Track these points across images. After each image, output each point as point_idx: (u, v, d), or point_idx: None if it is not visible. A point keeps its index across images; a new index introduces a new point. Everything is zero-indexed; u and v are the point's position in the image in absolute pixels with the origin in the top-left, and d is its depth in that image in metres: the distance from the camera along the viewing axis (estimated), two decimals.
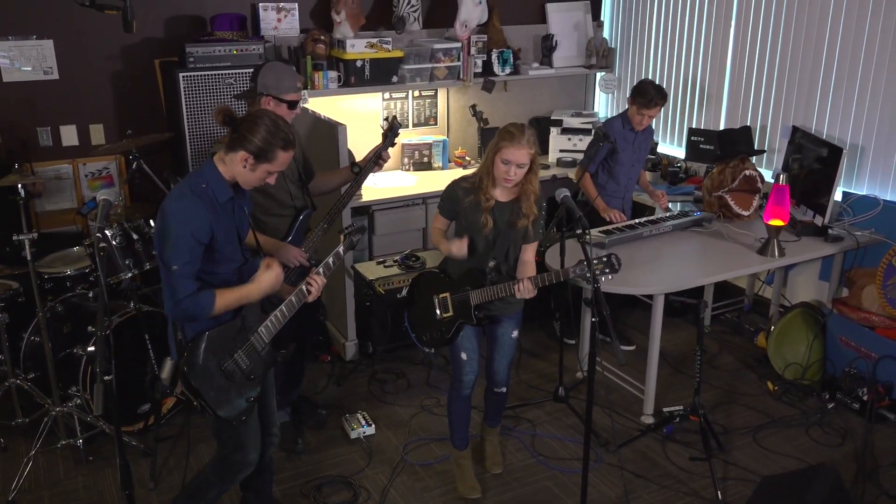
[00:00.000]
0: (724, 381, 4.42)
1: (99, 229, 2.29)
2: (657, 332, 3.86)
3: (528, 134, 3.00)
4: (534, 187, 3.09)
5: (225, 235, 2.60)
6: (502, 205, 3.15)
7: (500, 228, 3.15)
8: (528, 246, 3.19)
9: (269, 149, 2.50)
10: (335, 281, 4.59)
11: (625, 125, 4.48)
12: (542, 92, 6.04)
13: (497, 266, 3.13)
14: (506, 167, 3.01)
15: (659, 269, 3.95)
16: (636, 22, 5.85)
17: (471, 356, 3.32)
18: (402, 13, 5.27)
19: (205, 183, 2.55)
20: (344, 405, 4.18)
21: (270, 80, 3.32)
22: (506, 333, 3.38)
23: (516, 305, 3.32)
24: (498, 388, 3.49)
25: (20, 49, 4.51)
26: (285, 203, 3.49)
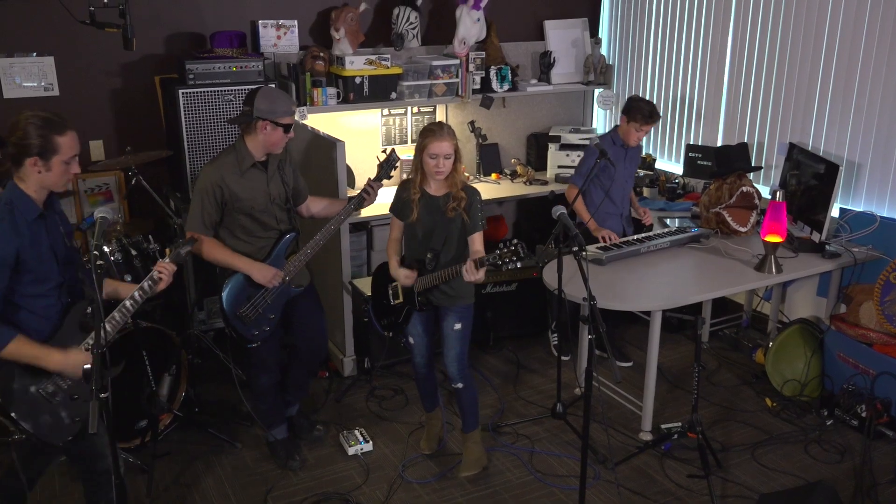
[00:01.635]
0: (722, 397, 4.41)
1: (96, 247, 2.30)
2: (655, 348, 3.86)
3: (447, 127, 3.33)
4: (460, 175, 3.37)
5: (37, 255, 2.56)
6: (436, 199, 3.41)
7: (436, 220, 3.40)
8: (472, 236, 3.38)
9: (49, 140, 2.48)
10: (332, 296, 4.59)
11: (615, 142, 4.50)
12: (541, 108, 6.07)
13: (436, 255, 3.40)
14: (434, 161, 3.28)
15: (656, 286, 3.95)
16: (634, 39, 5.89)
17: (417, 340, 3.64)
18: (400, 30, 5.30)
19: (8, 203, 2.52)
20: (342, 421, 4.17)
21: (266, 104, 3.34)
22: (448, 326, 3.53)
23: (457, 299, 3.48)
24: (453, 384, 3.61)
25: (21, 65, 4.54)
26: (269, 226, 3.52)
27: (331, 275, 4.56)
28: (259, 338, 3.53)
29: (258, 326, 3.51)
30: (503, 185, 5.67)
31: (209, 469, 3.78)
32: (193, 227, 3.38)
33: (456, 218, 3.38)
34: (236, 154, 3.41)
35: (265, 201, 3.46)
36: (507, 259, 3.07)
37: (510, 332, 5.04)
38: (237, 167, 3.40)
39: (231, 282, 3.45)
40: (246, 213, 3.43)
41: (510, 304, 4.96)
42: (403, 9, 5.30)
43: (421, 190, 3.41)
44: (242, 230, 3.47)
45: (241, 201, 3.40)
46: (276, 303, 3.54)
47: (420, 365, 3.72)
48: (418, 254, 3.49)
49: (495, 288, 4.92)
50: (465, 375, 3.59)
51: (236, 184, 3.39)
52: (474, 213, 3.38)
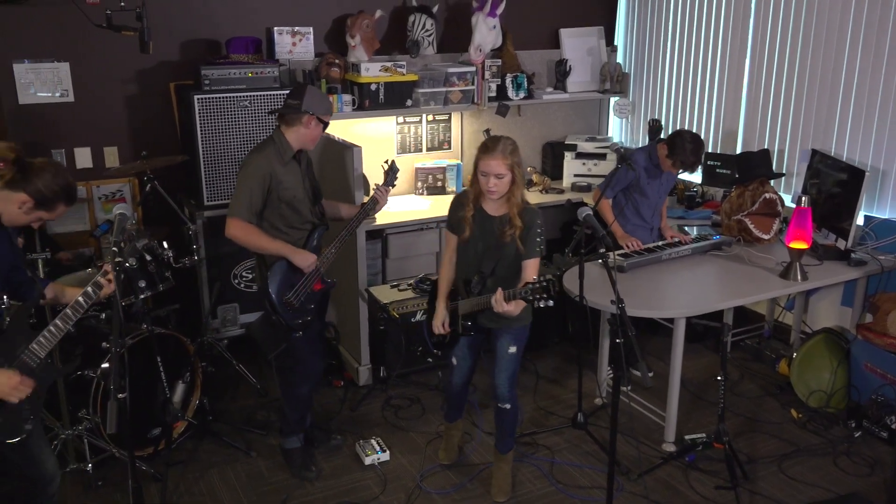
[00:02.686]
0: (746, 408, 4.32)
1: (115, 243, 2.24)
2: (678, 356, 3.78)
3: (503, 144, 3.10)
4: (516, 199, 3.15)
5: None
6: (492, 218, 3.23)
7: (489, 242, 3.22)
8: (526, 262, 3.19)
9: (55, 200, 2.50)
10: (348, 304, 4.53)
11: (651, 159, 4.44)
12: (556, 117, 6.02)
13: (482, 279, 3.22)
14: (484, 179, 3.11)
15: (679, 293, 3.87)
16: (650, 46, 5.84)
17: (460, 362, 3.51)
18: (416, 37, 5.27)
19: None
20: (357, 431, 4.09)
21: (315, 100, 3.47)
22: (502, 348, 3.37)
23: (513, 321, 3.28)
24: (500, 404, 3.46)
25: (36, 71, 4.51)
26: (306, 217, 3.58)
27: (346, 282, 4.49)
28: (302, 326, 3.55)
29: (301, 315, 3.54)
30: None
31: (223, 478, 3.70)
32: (239, 212, 3.39)
33: (511, 243, 3.19)
34: (276, 146, 3.47)
35: (304, 191, 3.55)
36: (537, 295, 2.90)
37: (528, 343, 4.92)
38: (280, 158, 3.45)
39: (275, 270, 3.47)
40: (288, 203, 3.48)
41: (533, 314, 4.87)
42: (419, 16, 5.27)
43: (477, 206, 3.24)
44: (283, 220, 3.50)
45: (286, 190, 3.46)
46: (314, 293, 3.59)
47: (456, 386, 3.60)
48: (467, 274, 3.32)
49: None
50: (514, 396, 3.45)
51: (282, 172, 3.45)
52: (531, 240, 3.17)
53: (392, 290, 4.64)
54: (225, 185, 4.56)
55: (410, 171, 5.53)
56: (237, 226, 3.37)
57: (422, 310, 4.51)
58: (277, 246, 3.45)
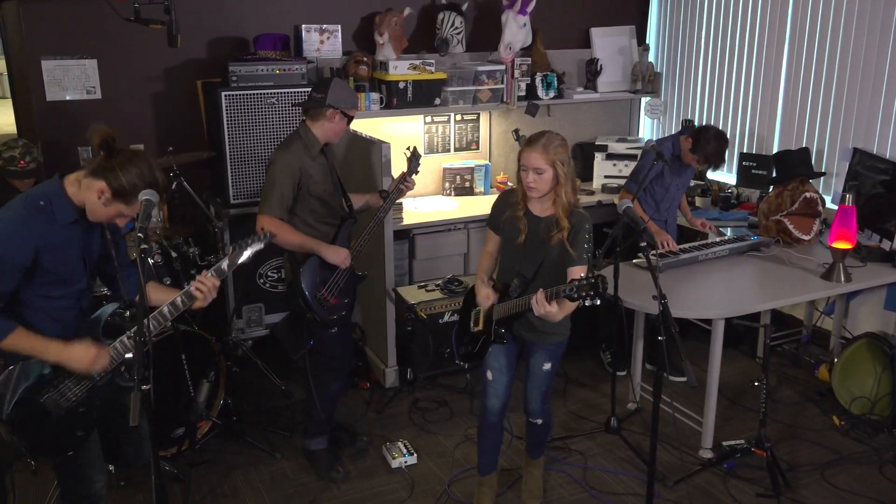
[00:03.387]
0: (785, 414, 4.17)
1: (140, 229, 2.16)
2: (717, 358, 3.64)
3: (547, 138, 2.90)
4: (562, 199, 2.89)
5: (61, 257, 2.39)
6: (537, 219, 2.99)
7: (533, 244, 2.98)
8: (571, 269, 2.90)
9: (134, 192, 2.34)
10: (375, 305, 4.44)
11: (674, 150, 4.32)
12: (587, 117, 5.91)
13: (524, 283, 2.95)
14: (524, 173, 2.90)
15: (716, 294, 3.75)
16: (683, 45, 5.72)
17: (497, 376, 3.13)
18: (445, 35, 5.19)
19: (43, 200, 2.34)
20: (384, 433, 4.00)
21: (340, 94, 3.40)
22: (536, 364, 3.11)
23: (549, 334, 3.04)
24: (532, 419, 3.25)
25: (64, 68, 4.49)
26: (336, 211, 3.53)
27: (373, 282, 4.41)
28: (337, 322, 3.49)
29: (336, 310, 3.48)
30: None
31: (247, 479, 3.62)
32: (272, 210, 3.33)
33: (556, 246, 2.93)
34: (303, 140, 3.42)
35: (334, 185, 3.50)
36: (583, 293, 2.61)
37: None
38: (308, 152, 3.40)
39: (307, 266, 3.41)
40: (318, 197, 3.43)
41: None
42: (448, 13, 5.20)
43: (525, 206, 2.99)
44: (313, 215, 3.46)
45: (317, 184, 3.41)
46: (348, 287, 3.54)
47: (493, 409, 3.16)
48: (509, 277, 3.05)
49: None
50: (546, 411, 3.23)
51: (312, 167, 3.40)
52: (579, 244, 2.89)
53: (420, 290, 4.55)
54: (251, 182, 4.51)
55: (438, 171, 5.45)
56: (270, 223, 3.30)
57: (450, 311, 4.41)
58: (311, 243, 3.40)
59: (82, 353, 2.38)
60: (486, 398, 3.17)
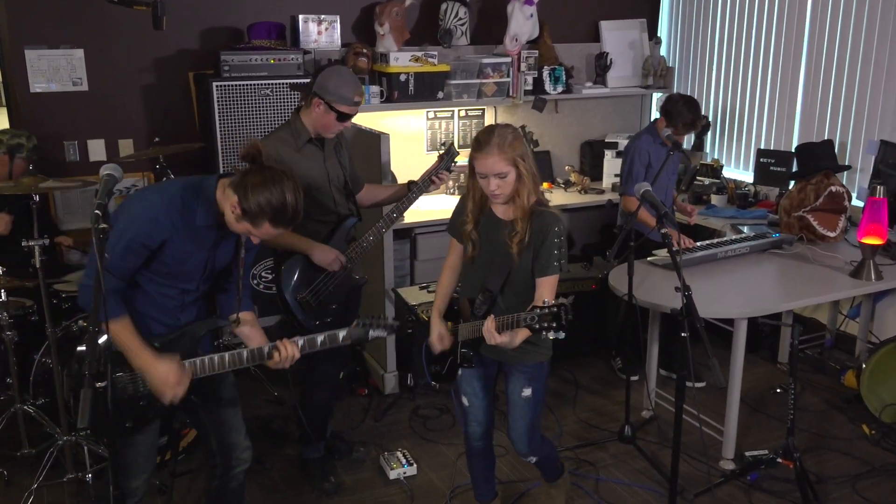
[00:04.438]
0: (811, 423, 3.91)
1: (98, 206, 1.93)
2: (739, 360, 3.39)
3: (499, 135, 2.45)
4: (521, 199, 2.49)
5: (183, 254, 2.31)
6: (500, 223, 2.59)
7: (497, 252, 2.59)
8: (539, 281, 2.52)
9: (259, 215, 2.22)
10: (374, 306, 4.21)
11: (654, 140, 4.10)
12: (596, 113, 5.68)
13: (490, 298, 2.58)
14: (484, 181, 2.49)
15: (738, 293, 3.50)
16: (696, 37, 5.49)
17: (473, 401, 2.82)
18: (448, 26, 4.98)
19: (193, 196, 2.29)
20: (382, 442, 3.75)
21: (327, 83, 3.05)
22: (514, 390, 2.73)
23: (524, 355, 2.64)
24: (524, 458, 2.88)
25: (49, 58, 4.29)
26: (327, 208, 3.21)
27: (372, 282, 4.17)
28: (321, 329, 3.15)
29: (320, 317, 3.19)
30: (556, 195, 5.27)
31: None
32: None
33: (523, 254, 2.55)
34: (291, 129, 3.15)
35: (322, 179, 3.18)
36: (544, 324, 2.28)
37: (567, 351, 4.57)
38: (293, 142, 3.13)
39: (290, 264, 3.14)
40: (303, 191, 3.09)
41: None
42: (452, 4, 4.99)
43: (483, 212, 2.61)
44: None
45: (299, 177, 3.04)
46: (339, 291, 3.23)
47: (475, 435, 2.88)
48: (472, 291, 2.67)
49: None
50: (538, 447, 2.84)
51: (292, 158, 3.08)
52: (546, 252, 2.50)
53: (421, 291, 4.31)
54: None
55: None
56: None
57: None
58: (293, 240, 3.10)
59: (163, 374, 2.27)
60: (467, 425, 2.88)
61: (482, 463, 2.97)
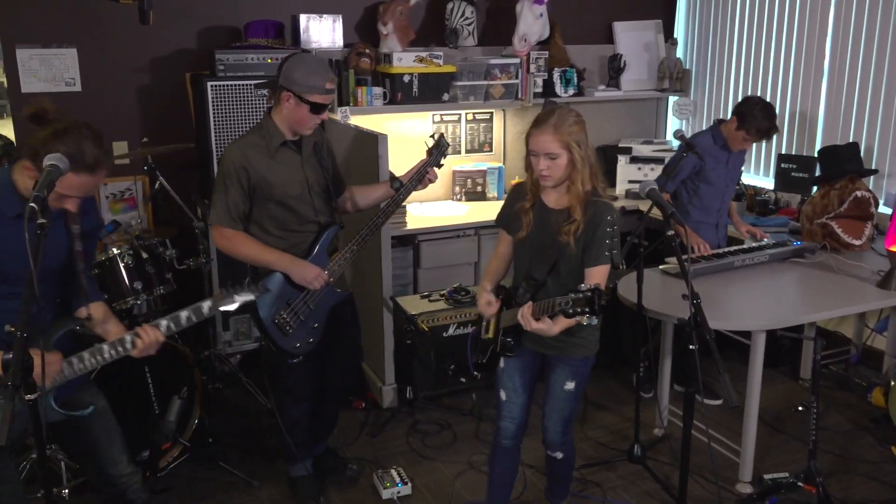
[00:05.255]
0: (835, 444, 3.66)
1: (35, 198, 1.74)
2: (757, 376, 3.16)
3: (558, 116, 2.44)
4: (577, 187, 2.47)
5: (5, 255, 2.11)
6: (551, 212, 2.58)
7: (546, 241, 2.57)
8: (589, 271, 2.49)
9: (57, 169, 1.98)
10: (371, 316, 4.02)
11: (716, 142, 3.88)
12: (609, 117, 5.47)
13: (534, 287, 2.54)
14: (535, 159, 2.48)
15: (756, 303, 3.28)
16: (714, 39, 5.28)
17: (511, 396, 2.73)
18: (454, 25, 4.81)
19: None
20: (377, 459, 3.55)
21: (294, 73, 2.79)
22: (556, 382, 2.67)
23: (573, 347, 2.61)
24: (550, 452, 2.79)
25: (41, 58, 4.16)
26: (308, 217, 2.97)
27: (369, 290, 4.00)
28: (301, 350, 2.97)
29: (300, 337, 2.95)
30: None
31: None
32: (218, 218, 2.86)
33: (571, 244, 2.51)
34: (262, 131, 2.89)
35: (301, 187, 2.93)
36: (577, 308, 2.23)
37: None
38: (265, 146, 2.87)
39: (266, 284, 2.87)
40: (278, 201, 2.89)
41: None
42: (458, 3, 4.82)
43: (536, 197, 2.61)
44: (274, 222, 2.92)
45: (271, 186, 2.86)
46: (321, 309, 2.99)
47: (506, 432, 2.76)
48: (519, 280, 2.67)
49: None
50: (567, 443, 2.78)
51: (264, 165, 2.85)
52: (597, 242, 2.47)
53: (422, 300, 4.12)
54: None
55: (448, 174, 5.04)
56: (219, 234, 2.86)
57: (456, 323, 3.98)
58: (270, 257, 2.86)
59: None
60: (500, 419, 2.78)
61: (506, 464, 2.84)
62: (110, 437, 2.45)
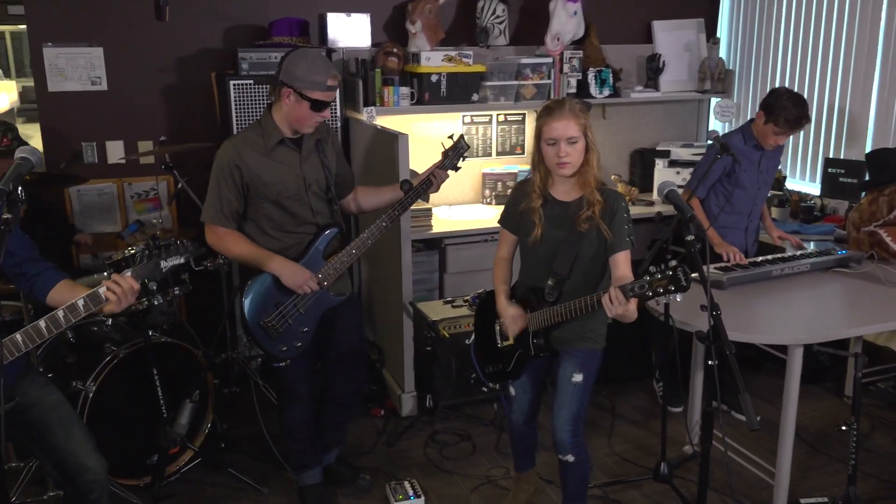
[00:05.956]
0: (880, 467, 3.41)
1: (1, 192, 1.65)
2: (793, 393, 2.95)
3: (570, 103, 2.52)
4: (594, 169, 2.51)
5: None
6: (565, 206, 2.59)
7: (562, 235, 2.57)
8: (615, 257, 2.50)
9: None
10: (391, 321, 3.91)
11: (747, 141, 3.68)
12: (647, 120, 5.28)
13: (559, 283, 2.56)
14: (552, 148, 2.48)
15: (794, 316, 3.07)
16: (759, 38, 5.05)
17: (519, 393, 2.83)
18: (485, 24, 4.68)
19: None
20: (392, 470, 3.44)
21: (294, 68, 2.71)
22: (564, 375, 2.66)
23: (580, 340, 2.64)
24: (562, 455, 2.70)
25: (67, 56, 4.16)
26: (305, 219, 2.88)
27: (389, 294, 3.89)
28: (288, 355, 2.87)
29: (287, 341, 2.85)
30: None
31: None
32: (209, 216, 2.80)
33: (591, 232, 2.53)
34: (260, 128, 2.81)
35: (297, 187, 2.83)
36: (661, 287, 2.17)
37: (606, 375, 4.18)
38: (261, 144, 2.79)
39: (255, 283, 2.80)
40: (272, 201, 2.81)
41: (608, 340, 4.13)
42: (489, 1, 4.69)
43: (545, 194, 2.60)
44: (270, 222, 2.85)
45: (265, 186, 2.78)
46: (312, 313, 2.88)
47: (517, 423, 2.91)
48: (536, 280, 2.63)
49: None
50: (578, 444, 2.70)
51: (259, 164, 2.77)
52: (618, 225, 2.51)
53: (445, 306, 3.99)
54: None
55: (477, 177, 4.91)
56: (211, 232, 2.81)
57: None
58: (260, 257, 2.78)
59: None
60: (511, 412, 2.91)
61: (524, 441, 2.98)
62: (68, 429, 2.28)
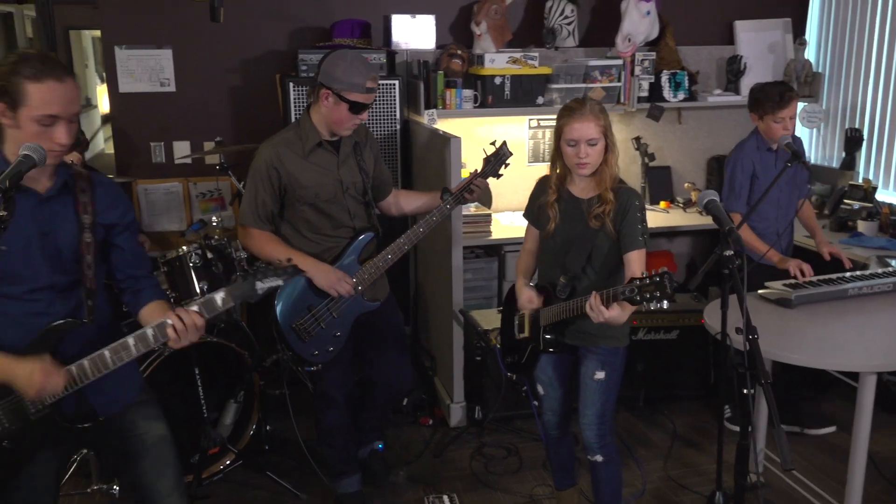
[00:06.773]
0: None
1: (1, 191, 1.63)
2: (865, 424, 2.69)
3: (590, 103, 2.52)
4: (611, 169, 2.52)
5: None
6: (580, 202, 2.59)
7: (576, 232, 2.58)
8: (628, 256, 2.49)
9: (11, 85, 1.78)
10: (442, 329, 3.82)
11: (760, 147, 3.48)
12: (724, 125, 4.99)
13: (571, 280, 2.57)
14: (573, 149, 2.49)
15: (869, 339, 2.80)
16: (851, 39, 4.71)
17: (548, 391, 2.80)
18: (552, 25, 4.54)
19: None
20: (435, 481, 3.34)
21: (333, 69, 2.68)
22: (586, 373, 2.64)
23: (601, 337, 2.60)
24: (590, 456, 2.68)
25: (138, 58, 4.27)
26: (342, 222, 2.84)
27: (439, 302, 3.80)
28: (320, 359, 2.83)
29: (320, 345, 2.81)
30: (674, 215, 4.67)
31: None
32: (245, 219, 2.78)
33: (603, 229, 2.53)
34: (299, 130, 2.79)
35: (335, 189, 2.80)
36: (647, 294, 2.14)
37: (667, 392, 3.99)
38: (299, 146, 2.77)
39: (288, 285, 2.75)
40: (309, 204, 2.78)
41: (669, 355, 3.93)
42: (558, 1, 4.54)
43: (561, 190, 2.61)
44: (307, 225, 2.82)
45: (303, 188, 2.75)
46: (345, 318, 2.83)
47: (550, 424, 2.84)
48: (551, 276, 2.65)
49: (650, 334, 3.91)
50: (607, 444, 2.66)
51: (297, 166, 2.74)
52: (630, 224, 2.50)
53: (498, 314, 3.85)
54: None
55: None
56: (245, 234, 2.80)
57: None
58: (296, 258, 2.73)
59: (27, 371, 1.84)
60: (542, 413, 2.87)
61: (559, 452, 2.92)
62: (161, 470, 2.15)
